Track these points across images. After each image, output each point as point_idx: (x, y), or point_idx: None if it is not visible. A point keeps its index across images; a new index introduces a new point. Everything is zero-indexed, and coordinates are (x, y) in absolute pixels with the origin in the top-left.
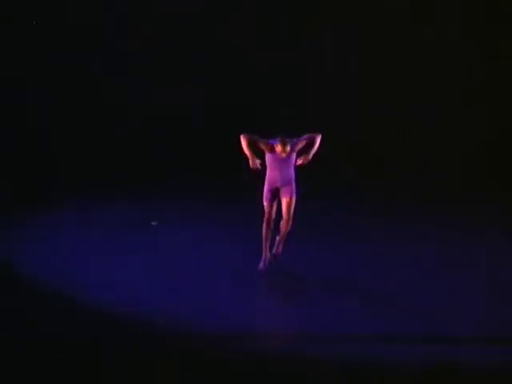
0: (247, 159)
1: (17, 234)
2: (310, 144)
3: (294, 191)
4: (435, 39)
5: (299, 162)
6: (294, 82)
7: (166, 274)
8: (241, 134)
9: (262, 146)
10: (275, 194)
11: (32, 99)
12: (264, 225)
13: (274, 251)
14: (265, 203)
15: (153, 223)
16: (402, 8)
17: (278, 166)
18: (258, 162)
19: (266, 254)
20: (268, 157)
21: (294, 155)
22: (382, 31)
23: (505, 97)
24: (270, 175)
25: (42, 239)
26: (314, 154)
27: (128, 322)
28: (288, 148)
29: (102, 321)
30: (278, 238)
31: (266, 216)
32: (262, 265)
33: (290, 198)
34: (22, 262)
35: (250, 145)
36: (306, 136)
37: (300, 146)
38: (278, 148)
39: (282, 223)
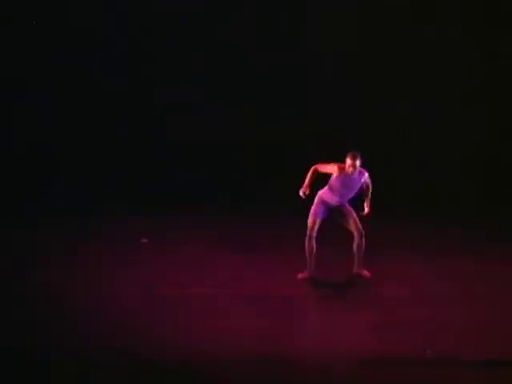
0: (302, 183)
1: (16, 240)
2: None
3: (351, 208)
4: (435, 39)
5: (365, 212)
6: (294, 82)
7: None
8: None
9: (330, 169)
10: (325, 213)
11: (32, 99)
12: (307, 240)
13: (356, 271)
14: (310, 218)
15: (143, 240)
16: (401, 8)
17: (340, 191)
18: (308, 192)
19: (310, 267)
20: (333, 180)
21: (359, 184)
22: (382, 31)
23: (505, 97)
24: (328, 196)
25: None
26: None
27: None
28: (357, 162)
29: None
30: (356, 257)
31: (309, 232)
32: (301, 274)
33: (352, 214)
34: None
35: (315, 173)
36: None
37: (365, 180)
38: (348, 162)
39: (356, 242)
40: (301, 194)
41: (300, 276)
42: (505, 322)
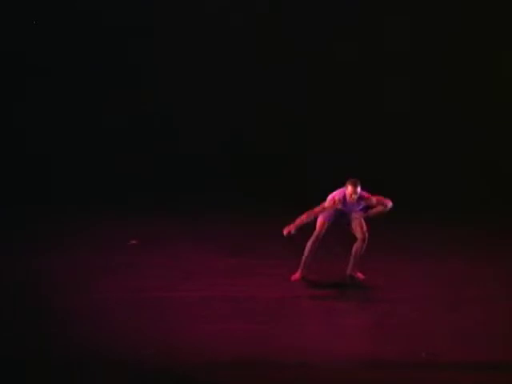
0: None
1: (16, 240)
2: (378, 205)
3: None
4: (435, 39)
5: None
6: (293, 82)
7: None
8: (308, 212)
9: (329, 206)
10: (334, 216)
11: (32, 103)
12: (312, 240)
13: (349, 273)
14: (319, 220)
15: (132, 242)
16: (402, 8)
17: (345, 210)
18: (293, 233)
19: (302, 268)
20: (333, 210)
21: (360, 205)
22: (383, 31)
23: (505, 97)
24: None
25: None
26: (375, 215)
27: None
28: (358, 189)
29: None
30: (352, 259)
31: (317, 234)
32: (295, 276)
33: (359, 218)
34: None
35: (308, 219)
36: (377, 197)
37: (371, 202)
38: (349, 190)
39: (357, 245)
40: (285, 232)
41: (293, 278)
42: (501, 324)
